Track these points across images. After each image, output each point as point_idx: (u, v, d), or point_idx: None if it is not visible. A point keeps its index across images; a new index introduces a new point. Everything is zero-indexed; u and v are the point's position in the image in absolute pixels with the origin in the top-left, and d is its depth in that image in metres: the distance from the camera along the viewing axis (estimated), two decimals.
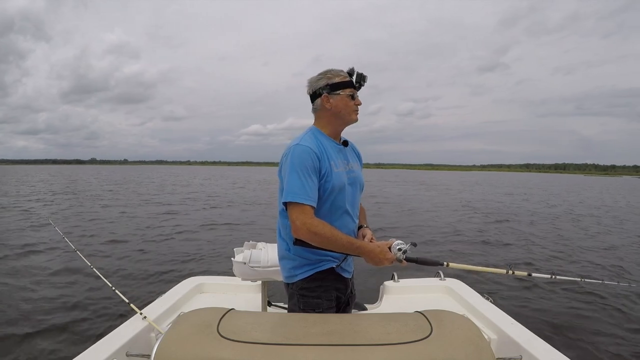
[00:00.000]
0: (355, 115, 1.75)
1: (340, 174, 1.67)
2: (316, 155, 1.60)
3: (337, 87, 1.69)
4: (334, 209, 1.67)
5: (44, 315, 4.21)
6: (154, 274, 5.88)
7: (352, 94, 1.71)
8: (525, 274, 2.01)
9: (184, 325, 1.26)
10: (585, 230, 11.27)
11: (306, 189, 1.55)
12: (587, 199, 24.69)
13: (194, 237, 9.03)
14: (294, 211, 1.54)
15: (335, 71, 1.72)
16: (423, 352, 1.12)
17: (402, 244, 1.60)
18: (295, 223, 1.52)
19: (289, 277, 1.72)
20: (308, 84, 1.76)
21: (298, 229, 1.52)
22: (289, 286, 1.75)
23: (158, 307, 2.37)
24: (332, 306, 1.70)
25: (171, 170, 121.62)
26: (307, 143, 1.62)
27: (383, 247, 1.60)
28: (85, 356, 1.74)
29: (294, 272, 1.70)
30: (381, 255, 1.58)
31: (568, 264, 7.24)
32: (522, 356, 1.89)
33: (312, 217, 1.54)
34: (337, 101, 1.70)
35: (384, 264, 1.59)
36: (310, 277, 1.67)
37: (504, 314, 2.36)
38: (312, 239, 1.52)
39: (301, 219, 1.52)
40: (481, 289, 2.90)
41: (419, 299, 2.76)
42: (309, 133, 1.71)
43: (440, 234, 10.15)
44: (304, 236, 1.52)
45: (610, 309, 4.73)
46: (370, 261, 1.60)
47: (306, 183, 1.55)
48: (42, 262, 6.46)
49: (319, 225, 1.52)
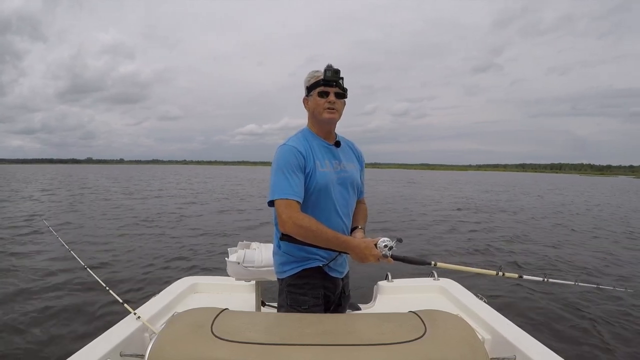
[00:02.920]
0: (326, 113, 1.72)
1: (325, 174, 1.69)
2: (301, 154, 1.65)
3: (310, 88, 1.73)
4: (319, 208, 1.69)
5: (36, 315, 4.19)
6: (148, 274, 5.86)
7: (323, 92, 1.70)
8: (516, 275, 2.00)
9: (177, 325, 1.26)
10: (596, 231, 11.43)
11: (291, 184, 1.59)
12: (595, 199, 25.04)
13: (188, 237, 8.98)
14: (280, 206, 1.57)
15: (312, 73, 1.76)
16: (417, 352, 1.12)
17: (388, 240, 1.59)
18: (282, 217, 1.55)
19: (279, 272, 1.79)
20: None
21: (284, 223, 1.55)
22: (280, 282, 1.81)
23: (152, 307, 2.37)
24: (319, 304, 1.72)
25: (173, 169, 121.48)
26: (292, 143, 1.68)
27: (369, 243, 1.59)
28: (79, 356, 1.73)
29: (282, 268, 1.76)
30: (366, 250, 1.57)
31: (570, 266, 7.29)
32: (515, 356, 1.90)
33: (298, 211, 1.58)
34: (312, 102, 1.74)
35: (369, 260, 1.57)
36: (298, 274, 1.72)
37: (497, 314, 2.36)
38: (297, 232, 1.55)
39: (287, 213, 1.55)
40: (475, 287, 2.91)
41: (412, 299, 2.76)
42: (299, 134, 1.78)
43: (431, 232, 10.27)
44: (290, 230, 1.55)
45: (604, 309, 4.76)
46: (355, 257, 1.60)
47: (291, 179, 1.60)
48: (35, 262, 6.41)
49: (305, 218, 1.56)
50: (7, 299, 4.67)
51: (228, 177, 47.92)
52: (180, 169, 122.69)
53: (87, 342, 1.87)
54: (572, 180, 78.10)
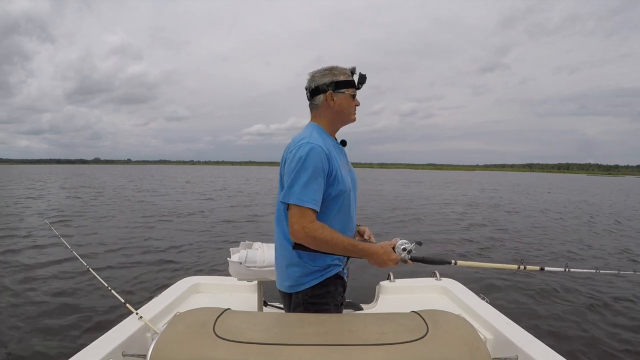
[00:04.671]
0: (354, 115, 1.72)
1: (345, 175, 1.62)
2: (326, 156, 1.52)
3: (342, 85, 1.64)
4: (342, 212, 1.62)
5: (39, 315, 4.21)
6: (150, 274, 5.87)
7: (353, 94, 1.68)
8: (538, 268, 1.91)
9: (179, 325, 1.27)
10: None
11: (311, 191, 1.47)
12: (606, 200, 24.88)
13: (190, 237, 8.99)
14: (293, 214, 1.47)
15: (341, 69, 1.67)
16: (419, 352, 1.11)
17: (406, 243, 1.52)
18: (294, 227, 1.45)
19: (295, 285, 1.62)
20: (310, 78, 1.68)
21: (296, 233, 1.45)
22: (293, 295, 1.64)
23: (154, 307, 2.38)
24: (340, 311, 1.67)
25: (182, 169, 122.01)
26: (317, 142, 1.53)
27: (387, 247, 1.52)
28: (81, 356, 1.74)
29: (302, 280, 1.60)
30: (385, 256, 1.50)
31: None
32: (518, 356, 1.89)
33: (313, 220, 1.46)
34: (341, 100, 1.65)
35: (388, 265, 1.51)
36: (320, 283, 1.60)
37: (499, 314, 2.36)
38: (311, 243, 1.46)
39: (300, 223, 1.44)
40: (477, 288, 2.90)
41: (415, 299, 2.76)
42: (314, 131, 1.63)
43: (445, 232, 10.25)
44: (302, 240, 1.46)
45: (608, 308, 4.73)
46: (374, 263, 1.53)
47: (312, 185, 1.47)
48: (38, 262, 6.44)
49: (319, 229, 1.45)
50: (8, 298, 4.70)
51: (247, 178, 47.87)
52: (189, 169, 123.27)
53: (89, 342, 1.87)
54: (581, 180, 77.54)
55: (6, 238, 8.52)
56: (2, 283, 5.28)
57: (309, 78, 1.68)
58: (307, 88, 1.69)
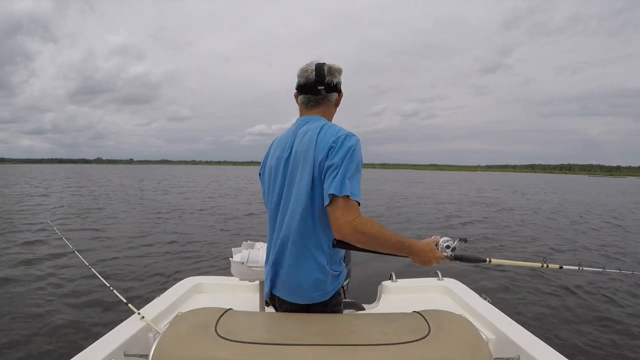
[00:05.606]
0: None
1: None
2: None
3: (339, 84, 1.60)
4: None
5: (41, 315, 4.21)
6: (152, 274, 5.87)
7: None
8: (557, 266, 1.96)
9: (181, 325, 1.27)
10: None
11: (358, 184, 1.37)
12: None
13: (192, 237, 9.00)
14: (339, 207, 1.31)
15: (340, 68, 1.60)
16: (420, 352, 1.11)
17: (449, 240, 1.45)
18: (339, 221, 1.30)
19: (324, 294, 1.49)
20: (327, 70, 1.54)
21: (342, 228, 1.30)
22: (321, 304, 1.50)
23: (156, 307, 2.37)
24: (341, 311, 1.64)
25: (185, 169, 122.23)
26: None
27: (431, 245, 1.44)
28: (83, 356, 1.74)
29: (328, 288, 1.49)
30: (430, 254, 1.42)
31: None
32: (520, 356, 1.88)
33: (359, 214, 1.33)
34: (339, 99, 1.64)
35: (432, 263, 1.44)
36: (340, 289, 1.55)
37: (501, 314, 2.34)
38: (358, 239, 1.31)
39: (347, 217, 1.29)
40: (478, 288, 2.90)
41: (416, 299, 2.75)
42: (336, 125, 1.52)
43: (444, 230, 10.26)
44: (349, 236, 1.31)
45: (612, 307, 4.74)
46: (418, 261, 1.44)
47: (359, 178, 1.38)
48: (40, 262, 6.44)
49: (368, 223, 1.31)
50: (9, 298, 4.71)
51: (250, 178, 47.93)
52: (191, 169, 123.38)
53: (91, 341, 1.87)
54: (583, 181, 77.50)
55: (8, 236, 8.54)
56: (3, 282, 5.29)
57: (326, 70, 1.53)
58: (322, 81, 1.53)
